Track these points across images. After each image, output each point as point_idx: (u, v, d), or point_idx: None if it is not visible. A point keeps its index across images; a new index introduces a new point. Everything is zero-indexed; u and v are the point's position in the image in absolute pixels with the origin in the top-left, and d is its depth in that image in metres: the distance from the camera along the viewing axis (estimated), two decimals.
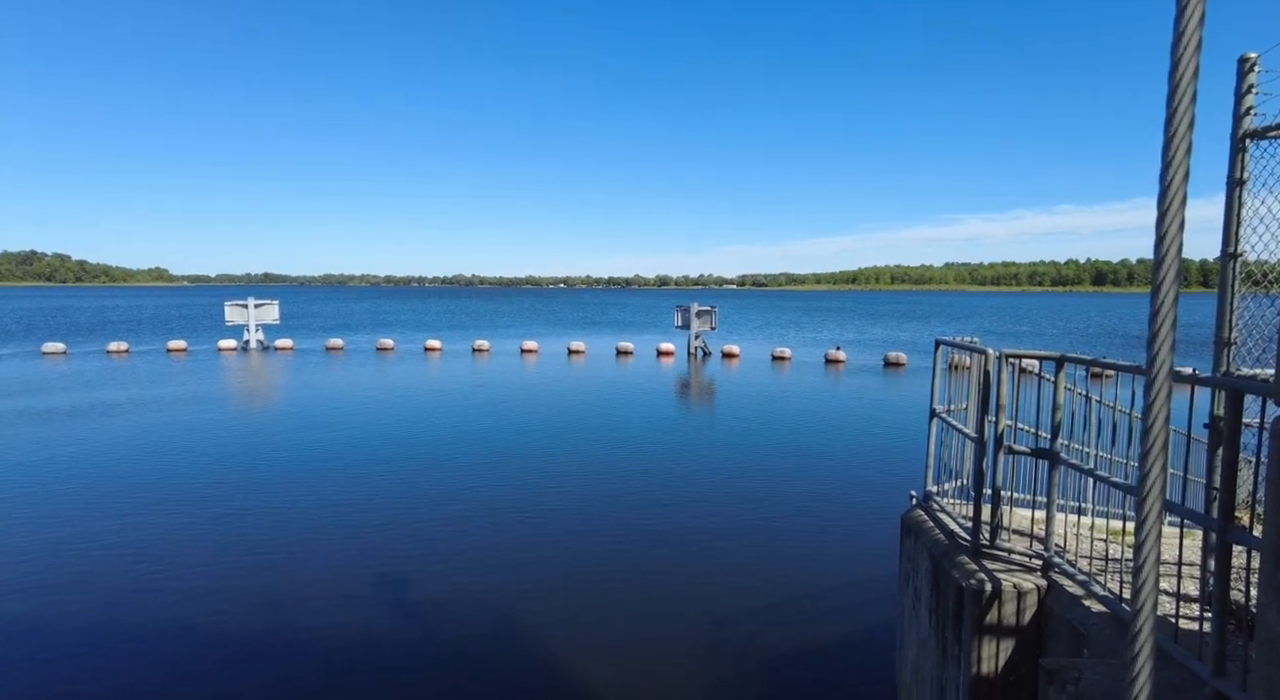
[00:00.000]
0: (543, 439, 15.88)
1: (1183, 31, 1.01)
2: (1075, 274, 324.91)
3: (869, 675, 6.48)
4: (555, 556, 9.07)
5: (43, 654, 6.65)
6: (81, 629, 7.11)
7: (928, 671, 5.01)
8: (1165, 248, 1.05)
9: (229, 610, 7.54)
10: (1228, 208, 3.75)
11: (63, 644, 6.81)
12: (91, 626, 7.16)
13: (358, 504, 11.05)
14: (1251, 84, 3.64)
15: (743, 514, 10.80)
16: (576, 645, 6.91)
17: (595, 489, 12.00)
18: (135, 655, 6.65)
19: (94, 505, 10.90)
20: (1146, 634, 1.11)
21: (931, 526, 5.27)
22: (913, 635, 5.37)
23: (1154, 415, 1.07)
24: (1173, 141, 1.01)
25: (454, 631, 7.15)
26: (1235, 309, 3.78)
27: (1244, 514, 3.43)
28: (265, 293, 44.17)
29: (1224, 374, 3.77)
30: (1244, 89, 3.64)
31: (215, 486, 11.94)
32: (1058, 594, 4.09)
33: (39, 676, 6.28)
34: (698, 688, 6.30)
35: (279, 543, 9.44)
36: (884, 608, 7.60)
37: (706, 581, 8.39)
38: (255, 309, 37.66)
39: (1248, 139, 3.67)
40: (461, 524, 10.21)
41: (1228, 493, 2.68)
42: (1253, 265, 3.73)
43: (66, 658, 6.58)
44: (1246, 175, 3.70)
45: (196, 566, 8.65)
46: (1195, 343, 36.77)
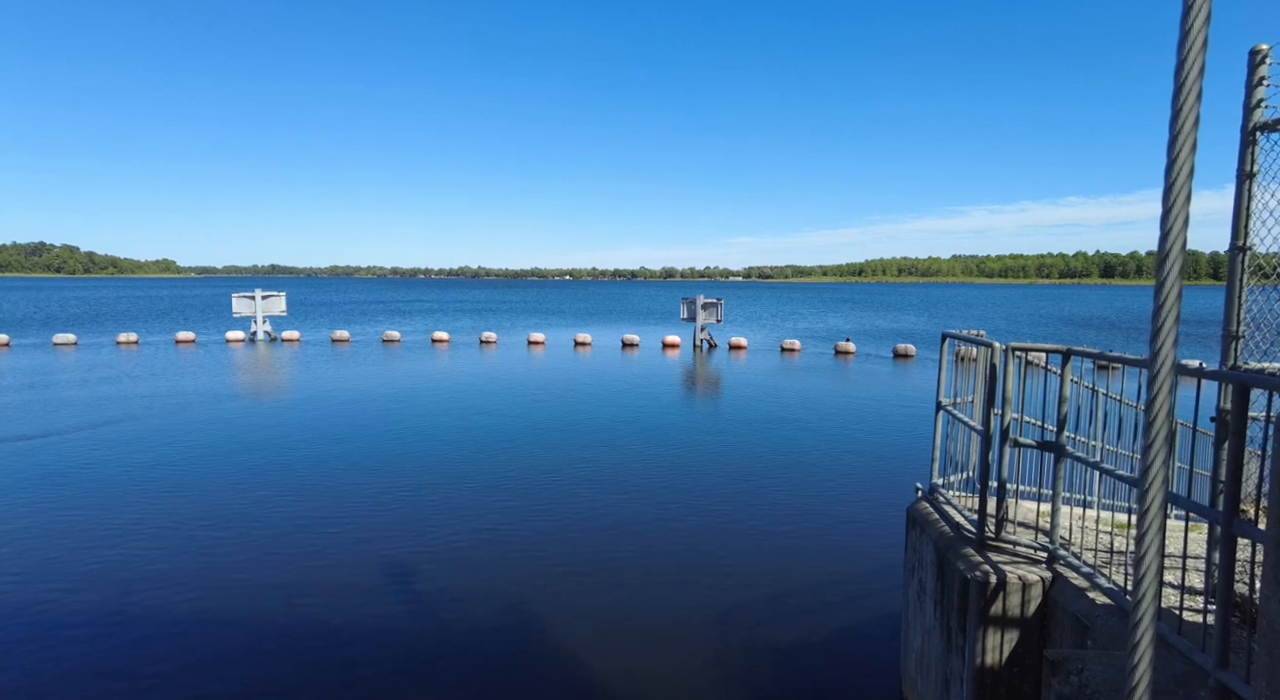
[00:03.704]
0: (547, 430, 15.94)
1: (1189, 29, 1.02)
2: (1083, 266, 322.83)
3: (874, 666, 6.51)
4: (558, 548, 9.13)
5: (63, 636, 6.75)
6: (94, 617, 7.20)
7: (932, 662, 5.04)
8: (1169, 244, 1.07)
9: (239, 601, 7.63)
10: (1237, 200, 3.73)
11: (74, 631, 6.91)
12: (105, 615, 7.26)
13: (368, 494, 11.14)
14: (1262, 76, 3.62)
15: (747, 505, 10.83)
16: (580, 637, 6.97)
17: (599, 480, 12.05)
18: (140, 641, 6.74)
19: (105, 497, 11.02)
20: (1148, 623, 1.13)
21: (937, 519, 5.29)
22: (918, 626, 5.40)
23: (1157, 407, 1.08)
24: (1178, 139, 1.02)
25: (458, 623, 7.22)
26: (1243, 302, 3.77)
27: (1249, 507, 3.43)
28: (272, 284, 44.33)
29: (1231, 367, 3.76)
30: (1255, 81, 3.62)
31: (228, 480, 12.05)
32: (1062, 586, 4.10)
33: (56, 664, 6.38)
34: (703, 677, 6.35)
35: (285, 538, 9.53)
36: (889, 599, 7.63)
37: (711, 572, 8.43)
38: (262, 300, 37.79)
39: (1258, 131, 3.65)
40: (464, 519, 10.28)
41: (1233, 486, 2.69)
42: (1262, 258, 3.71)
43: (71, 641, 6.68)
44: (1256, 168, 3.68)
45: (218, 557, 8.75)
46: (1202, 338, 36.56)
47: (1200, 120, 1.05)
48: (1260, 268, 3.81)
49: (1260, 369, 3.69)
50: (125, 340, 35.38)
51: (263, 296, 37.97)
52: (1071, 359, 4.22)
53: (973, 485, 5.21)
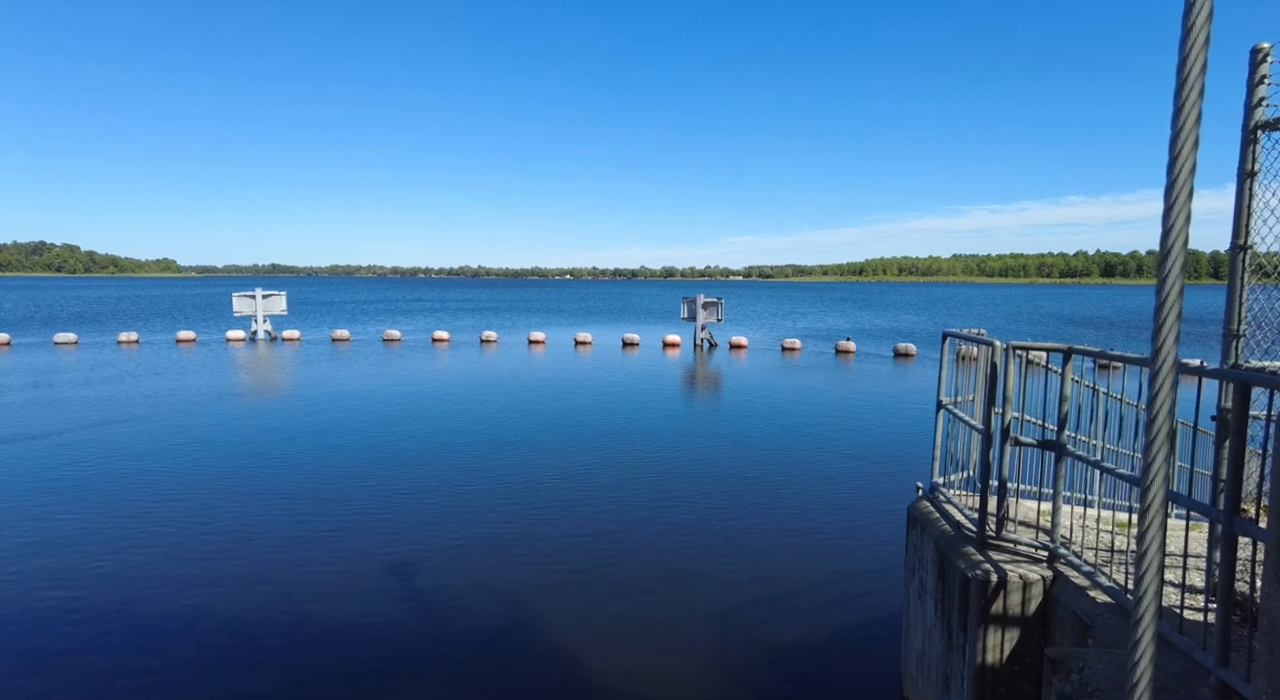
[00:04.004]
0: (546, 430, 15.95)
1: (1191, 26, 1.02)
2: (1084, 266, 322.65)
3: (875, 664, 6.52)
4: (558, 548, 9.14)
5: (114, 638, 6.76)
6: (94, 617, 7.22)
7: (933, 661, 5.04)
8: (1171, 242, 1.07)
9: (243, 599, 7.64)
10: (1238, 199, 3.73)
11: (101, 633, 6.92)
12: (106, 615, 7.28)
13: (368, 494, 11.15)
14: (1264, 75, 3.62)
15: (747, 504, 10.84)
16: (580, 635, 6.97)
17: (599, 480, 12.06)
18: (141, 641, 6.75)
19: (106, 497, 11.03)
20: (1149, 620, 1.13)
21: (938, 517, 5.29)
22: (919, 625, 5.41)
23: (1158, 406, 1.08)
24: (1179, 136, 1.03)
25: (458, 622, 7.22)
26: (1244, 301, 3.77)
27: (1250, 506, 3.43)
28: (273, 283, 44.34)
29: (1232, 366, 3.76)
30: (1256, 80, 3.62)
31: (229, 480, 12.06)
32: (1063, 585, 4.11)
33: (56, 664, 6.39)
34: (704, 676, 6.35)
35: (285, 538, 9.55)
36: (890, 598, 7.63)
37: (713, 571, 8.44)
38: (263, 300, 37.80)
39: (1259, 130, 3.65)
40: (464, 518, 10.29)
41: (1234, 484, 2.69)
42: (1263, 257, 3.72)
43: (71, 640, 6.69)
44: (1258, 167, 3.68)
45: (225, 555, 8.76)
46: (1203, 337, 36.55)
47: (1202, 117, 1.05)
48: (1261, 267, 3.81)
49: (1261, 368, 3.69)
50: (126, 339, 35.40)
51: (263, 296, 37.98)
52: (1072, 358, 4.22)
53: (973, 484, 5.21)
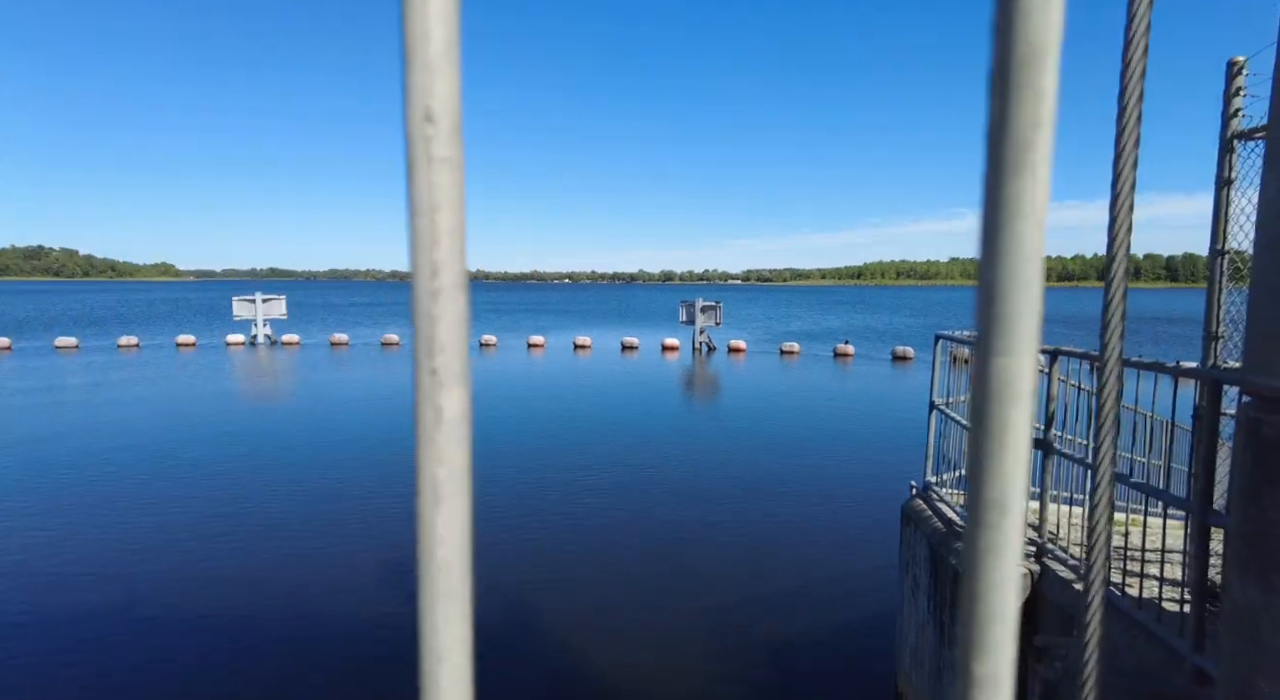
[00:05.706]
0: (546, 432, 16.06)
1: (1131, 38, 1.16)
2: (1080, 270, 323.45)
3: (870, 659, 6.64)
4: (557, 548, 9.25)
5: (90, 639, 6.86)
6: (95, 617, 7.32)
7: (926, 655, 5.17)
8: (1116, 247, 1.21)
9: (246, 599, 7.74)
10: (1216, 206, 3.87)
11: (77, 633, 7.03)
12: (107, 615, 7.38)
13: (368, 495, 11.26)
14: (1239, 87, 3.77)
15: (745, 504, 10.96)
16: (579, 635, 7.08)
17: (597, 480, 12.18)
18: (142, 641, 6.85)
19: (107, 498, 11.13)
20: (1098, 587, 1.26)
21: (930, 515, 5.42)
22: (912, 621, 5.53)
23: (1105, 395, 1.22)
24: (1122, 135, 1.17)
25: None
26: (1223, 304, 3.92)
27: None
28: (271, 287, 44.45)
29: (1211, 366, 3.91)
30: (1232, 91, 3.77)
31: (229, 481, 12.17)
32: (1050, 579, 4.23)
33: (57, 664, 6.49)
34: (701, 673, 6.47)
35: (286, 538, 9.65)
36: (885, 595, 7.75)
37: (710, 570, 8.55)
38: (263, 304, 37.89)
39: (1235, 140, 3.80)
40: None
41: (1206, 478, 2.82)
42: (1238, 259, 3.86)
43: (71, 640, 6.79)
44: (1234, 175, 3.83)
45: (222, 556, 8.86)
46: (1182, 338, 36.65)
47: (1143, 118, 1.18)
48: (1239, 271, 3.96)
49: (1238, 367, 3.83)
50: (126, 343, 35.46)
51: (263, 300, 38.07)
52: (1059, 358, 4.36)
53: (964, 483, 5.33)
